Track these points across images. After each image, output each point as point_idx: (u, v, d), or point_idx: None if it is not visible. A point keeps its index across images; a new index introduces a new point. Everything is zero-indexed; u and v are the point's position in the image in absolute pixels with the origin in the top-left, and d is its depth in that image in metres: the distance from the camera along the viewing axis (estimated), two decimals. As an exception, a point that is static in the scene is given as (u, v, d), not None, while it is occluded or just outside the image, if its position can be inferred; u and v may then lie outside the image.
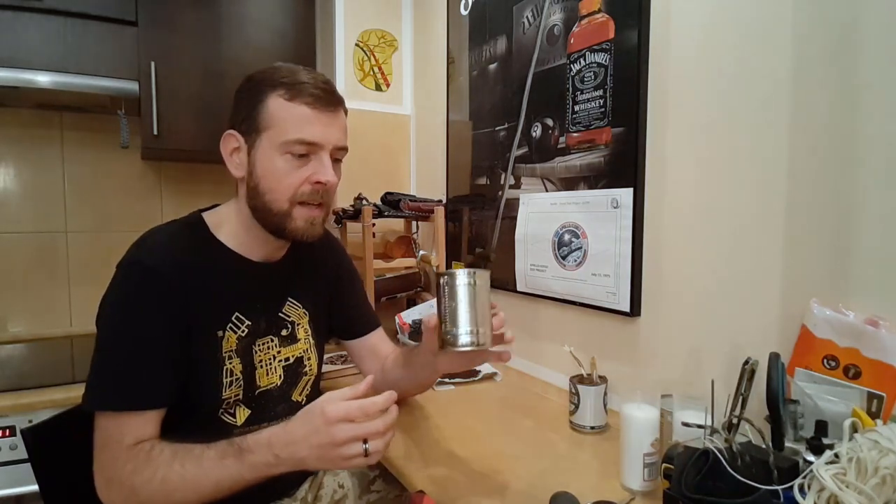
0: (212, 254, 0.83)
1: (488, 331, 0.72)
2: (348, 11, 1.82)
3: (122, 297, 0.75)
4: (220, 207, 0.89)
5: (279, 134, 0.78)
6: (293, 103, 0.77)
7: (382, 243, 1.84)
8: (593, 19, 1.12)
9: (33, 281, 1.70)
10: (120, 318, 0.75)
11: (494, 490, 0.82)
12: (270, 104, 0.78)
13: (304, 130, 0.78)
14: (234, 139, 0.82)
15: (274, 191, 0.79)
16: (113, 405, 0.72)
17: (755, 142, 0.85)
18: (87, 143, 1.75)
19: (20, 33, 1.38)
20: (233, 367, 0.82)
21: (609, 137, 1.09)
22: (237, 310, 0.83)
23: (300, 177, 0.79)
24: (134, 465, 0.70)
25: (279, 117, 0.77)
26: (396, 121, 1.92)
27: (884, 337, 0.69)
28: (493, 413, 1.15)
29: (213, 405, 0.81)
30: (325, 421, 0.65)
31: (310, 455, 0.67)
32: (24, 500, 1.15)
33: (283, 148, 0.78)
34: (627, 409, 0.82)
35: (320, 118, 0.79)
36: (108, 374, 0.74)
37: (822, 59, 0.77)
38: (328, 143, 0.80)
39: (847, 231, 0.75)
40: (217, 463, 0.69)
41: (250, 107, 0.79)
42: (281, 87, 0.78)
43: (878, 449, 0.51)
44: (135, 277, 0.75)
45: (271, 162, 0.79)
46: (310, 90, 0.78)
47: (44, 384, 1.23)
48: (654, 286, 1.03)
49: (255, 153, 0.80)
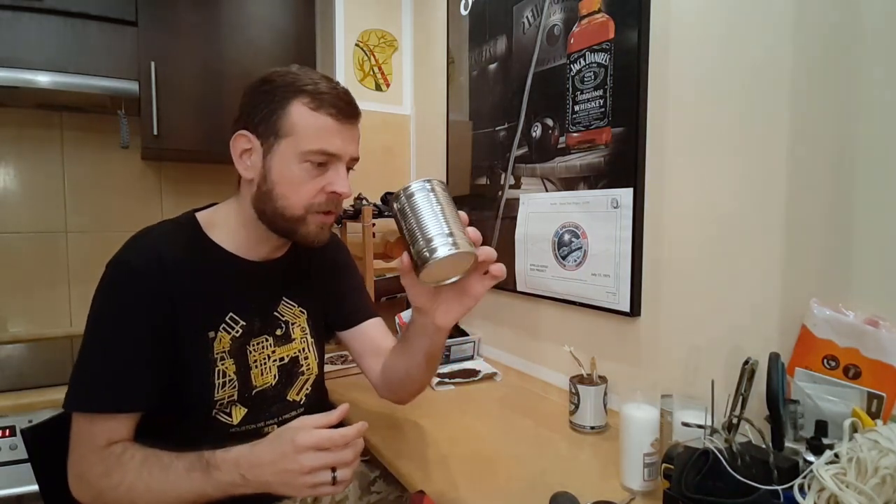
0: (203, 254, 0.82)
1: (465, 235, 0.62)
2: (348, 11, 1.82)
3: (105, 297, 0.75)
4: (216, 207, 0.89)
5: (300, 142, 0.77)
6: (318, 113, 0.77)
7: (382, 243, 1.84)
8: (593, 19, 1.12)
9: (33, 281, 1.70)
10: (102, 319, 0.74)
11: (494, 490, 0.82)
12: (293, 111, 0.77)
13: (326, 141, 0.78)
14: (247, 140, 0.80)
15: (288, 197, 0.79)
16: (85, 407, 0.72)
17: (755, 141, 0.85)
18: (87, 143, 1.74)
19: (20, 33, 1.38)
20: (225, 367, 0.81)
21: (609, 137, 1.09)
22: (231, 310, 0.83)
23: (316, 186, 0.79)
24: (104, 467, 0.70)
25: (302, 125, 0.77)
26: (396, 121, 1.92)
27: (884, 337, 0.69)
28: (493, 413, 1.15)
29: (206, 406, 0.80)
30: (294, 448, 0.65)
31: (275, 480, 0.66)
32: (24, 500, 1.15)
33: (304, 156, 0.77)
34: (627, 409, 0.82)
35: (342, 130, 0.79)
36: (85, 375, 0.74)
37: (822, 58, 0.77)
38: (347, 154, 0.81)
39: (847, 231, 0.75)
40: (183, 475, 0.69)
41: (270, 111, 0.78)
42: (305, 94, 0.77)
43: (878, 449, 0.51)
44: (119, 278, 0.75)
45: (289, 168, 0.78)
46: (334, 101, 0.78)
47: (44, 384, 1.22)
48: (653, 286, 1.03)
49: (272, 158, 0.79)
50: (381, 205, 1.64)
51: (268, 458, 0.66)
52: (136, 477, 0.69)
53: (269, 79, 0.80)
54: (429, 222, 0.61)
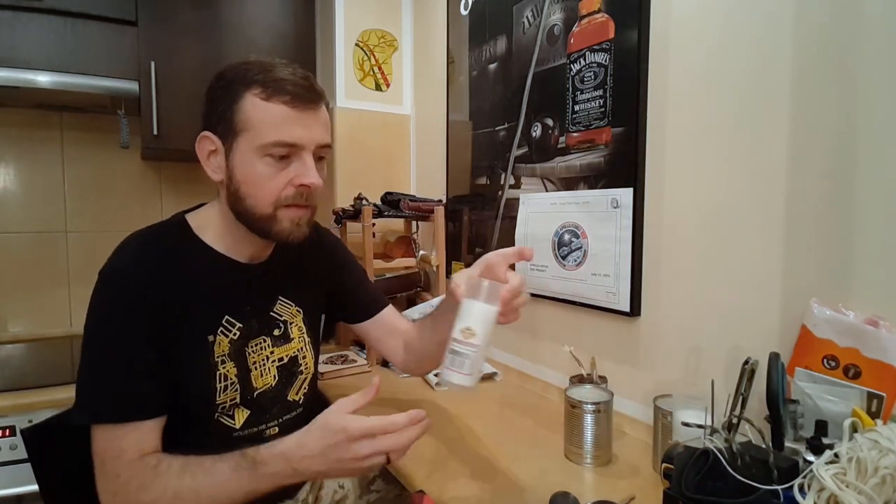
0: (196, 257, 0.80)
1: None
2: (348, 11, 1.82)
3: (102, 305, 0.73)
4: (204, 208, 0.86)
5: (257, 137, 0.73)
6: (270, 103, 0.72)
7: (382, 243, 1.84)
8: (593, 19, 1.12)
9: (33, 281, 1.70)
10: (103, 328, 0.73)
11: (494, 490, 0.82)
12: (246, 105, 0.73)
13: (283, 132, 0.73)
14: (210, 141, 0.77)
15: (255, 196, 0.75)
16: (108, 418, 0.70)
17: (755, 141, 0.85)
18: (87, 143, 1.75)
19: (20, 33, 1.38)
20: (226, 371, 0.80)
21: (609, 137, 1.09)
22: (227, 313, 0.81)
23: (282, 180, 0.75)
24: (140, 481, 0.68)
25: (256, 119, 0.73)
26: (396, 121, 1.92)
27: (884, 337, 0.69)
28: (493, 413, 1.15)
29: (208, 410, 0.79)
30: (347, 438, 0.64)
31: (328, 468, 0.66)
32: (24, 500, 1.15)
33: (262, 151, 0.73)
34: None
35: (300, 117, 0.74)
36: (100, 386, 0.72)
37: (822, 58, 0.77)
38: (310, 142, 0.75)
39: (847, 231, 0.75)
40: (231, 475, 0.68)
41: (224, 107, 0.74)
42: (256, 85, 0.73)
43: (877, 449, 0.51)
44: (113, 285, 0.73)
45: (251, 166, 0.74)
46: (287, 87, 0.73)
47: (44, 384, 1.23)
48: (653, 286, 1.03)
49: (233, 157, 0.75)
50: (380, 205, 1.64)
51: (318, 450, 0.66)
52: (180, 484, 0.67)
53: (223, 74, 0.76)
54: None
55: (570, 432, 0.91)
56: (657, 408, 0.87)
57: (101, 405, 0.71)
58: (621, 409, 1.04)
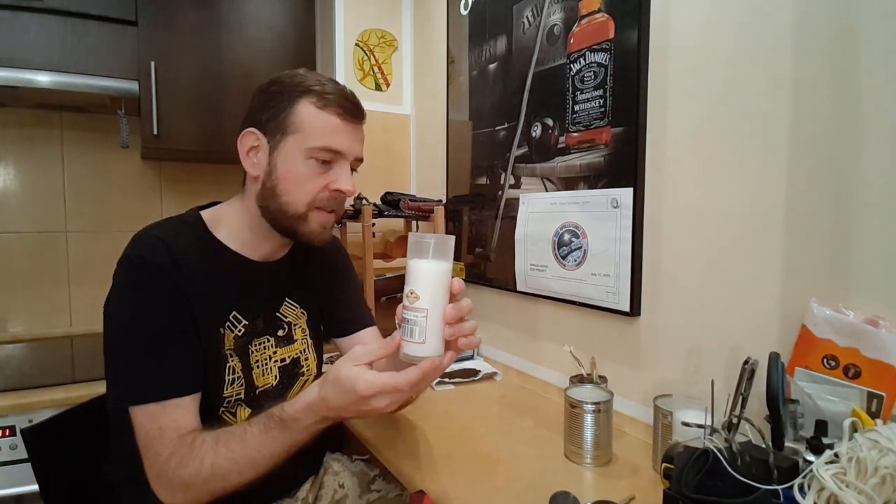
0: (210, 251, 0.83)
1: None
2: (348, 11, 1.82)
3: (129, 290, 0.75)
4: (220, 206, 0.89)
5: (307, 139, 0.79)
6: (324, 112, 0.80)
7: (382, 243, 1.84)
8: (593, 19, 1.12)
9: (33, 281, 1.70)
10: (132, 311, 0.74)
11: (494, 490, 0.82)
12: (301, 109, 0.79)
13: (331, 139, 0.80)
14: (255, 137, 0.82)
15: (292, 193, 0.81)
16: (147, 397, 0.72)
17: (755, 141, 0.85)
18: (87, 143, 1.75)
19: (20, 33, 1.38)
20: (234, 364, 0.82)
21: (609, 137, 1.09)
22: (235, 308, 0.84)
23: (320, 183, 0.81)
24: (179, 458, 0.69)
25: (309, 123, 0.79)
26: (396, 121, 1.92)
27: (884, 337, 0.69)
28: (493, 413, 1.15)
29: (216, 402, 0.81)
30: (361, 397, 0.65)
31: (359, 413, 0.68)
32: (24, 500, 1.15)
33: (309, 153, 0.80)
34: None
35: (347, 129, 0.82)
36: (135, 368, 0.73)
37: (821, 57, 0.77)
38: (351, 153, 0.83)
39: (847, 231, 0.75)
40: (264, 438, 0.69)
41: (278, 109, 0.80)
42: (312, 94, 0.80)
43: (877, 449, 0.51)
44: (138, 270, 0.75)
45: (294, 165, 0.80)
46: (340, 101, 0.81)
47: (44, 384, 1.22)
48: (653, 286, 1.03)
49: (278, 154, 0.81)
50: (381, 205, 1.64)
51: (340, 404, 0.66)
52: (216, 455, 0.69)
53: (279, 80, 0.83)
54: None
55: (570, 432, 0.91)
56: (657, 408, 0.87)
57: (138, 387, 0.73)
58: (621, 408, 1.05)
